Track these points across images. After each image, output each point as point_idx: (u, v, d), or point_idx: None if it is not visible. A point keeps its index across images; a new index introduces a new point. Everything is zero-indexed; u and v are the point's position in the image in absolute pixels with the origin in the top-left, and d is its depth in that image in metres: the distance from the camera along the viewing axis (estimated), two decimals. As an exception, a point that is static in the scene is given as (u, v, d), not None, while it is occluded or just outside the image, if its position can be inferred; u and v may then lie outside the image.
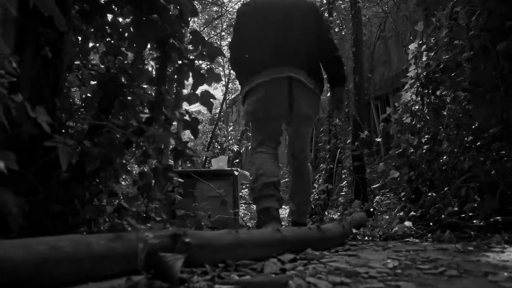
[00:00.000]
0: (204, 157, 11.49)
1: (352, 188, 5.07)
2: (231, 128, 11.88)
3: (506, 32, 2.30)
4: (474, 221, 2.15)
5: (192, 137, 1.64)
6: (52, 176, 1.19)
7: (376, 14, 9.29)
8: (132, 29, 1.54)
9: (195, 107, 17.99)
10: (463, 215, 2.26)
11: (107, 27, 1.58)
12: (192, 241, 1.10)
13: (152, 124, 1.44)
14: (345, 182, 5.76)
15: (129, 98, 1.46)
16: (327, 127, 5.83)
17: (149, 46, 1.71)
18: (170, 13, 1.65)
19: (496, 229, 2.01)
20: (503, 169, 2.11)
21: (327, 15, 6.93)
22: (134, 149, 1.51)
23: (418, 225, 2.38)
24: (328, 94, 6.24)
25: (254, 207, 3.54)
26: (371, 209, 5.03)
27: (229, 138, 12.07)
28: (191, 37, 1.66)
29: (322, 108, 10.13)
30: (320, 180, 5.29)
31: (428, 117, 2.58)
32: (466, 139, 2.48)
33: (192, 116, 1.72)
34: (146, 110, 1.63)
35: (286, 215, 5.49)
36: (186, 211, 3.60)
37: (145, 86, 1.73)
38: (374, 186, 5.31)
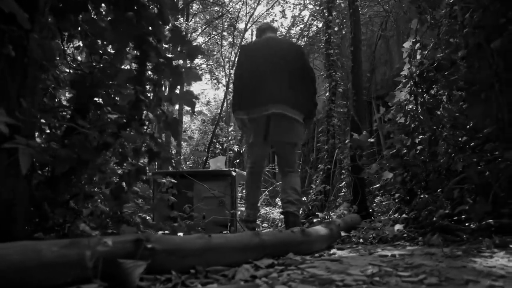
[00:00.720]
0: (205, 157, 11.47)
1: (350, 189, 5.01)
2: (231, 128, 11.87)
3: (500, 30, 2.24)
4: (467, 224, 2.09)
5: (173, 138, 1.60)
6: (18, 178, 1.16)
7: (377, 13, 9.20)
8: (109, 28, 1.49)
9: (197, 107, 17.98)
10: (456, 217, 2.20)
11: (85, 25, 1.54)
12: (158, 246, 1.06)
13: (131, 125, 1.40)
14: (344, 182, 5.69)
15: (100, 99, 1.42)
16: (325, 127, 5.76)
17: (131, 45, 1.67)
18: (150, 11, 1.61)
19: (489, 232, 1.95)
20: (496, 170, 2.05)
21: (326, 14, 6.87)
22: (111, 150, 1.47)
23: (411, 228, 2.32)
24: (327, 94, 6.18)
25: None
26: (370, 210, 4.97)
27: (230, 138, 12.04)
28: (170, 35, 1.62)
29: (318, 111, 10.09)
30: (317, 181, 5.23)
31: (422, 117, 2.52)
32: (460, 139, 2.42)
33: (173, 116, 1.68)
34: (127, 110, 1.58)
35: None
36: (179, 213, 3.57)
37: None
38: (374, 187, 5.24)
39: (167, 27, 1.68)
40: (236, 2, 11.65)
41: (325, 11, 6.86)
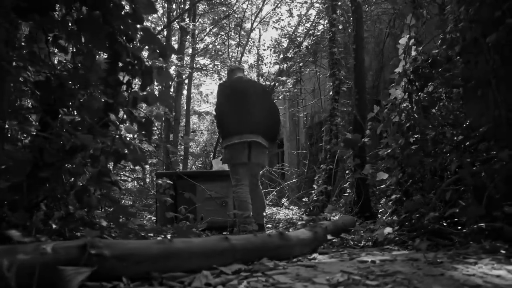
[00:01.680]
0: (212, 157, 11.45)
1: (353, 190, 4.91)
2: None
3: (496, 23, 2.13)
4: (459, 227, 1.99)
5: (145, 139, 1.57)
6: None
7: (385, 10, 9.02)
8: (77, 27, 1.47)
9: (205, 107, 18.02)
10: (449, 220, 2.10)
11: (54, 24, 1.52)
12: (107, 252, 1.02)
13: (94, 127, 1.37)
14: (348, 183, 5.58)
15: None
16: (328, 126, 5.67)
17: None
18: (120, 10, 1.58)
19: (483, 236, 1.85)
20: (491, 171, 1.94)
21: (330, 11, 6.76)
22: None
23: (403, 230, 2.23)
24: (331, 93, 6.07)
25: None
26: (375, 211, 4.86)
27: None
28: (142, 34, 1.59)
29: (323, 109, 9.96)
30: (319, 181, 5.13)
31: (416, 115, 2.42)
32: (456, 138, 2.32)
33: (147, 117, 1.64)
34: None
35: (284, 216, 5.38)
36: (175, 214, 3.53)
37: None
38: (381, 187, 5.11)
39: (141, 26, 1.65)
40: (243, 1, 11.63)
41: (330, 9, 6.75)
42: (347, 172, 5.66)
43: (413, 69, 2.49)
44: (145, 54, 1.77)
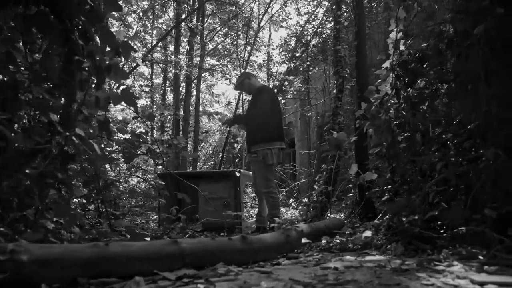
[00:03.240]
0: (222, 156, 11.45)
1: (356, 190, 4.77)
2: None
3: (484, 13, 1.99)
4: (442, 231, 1.87)
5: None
6: None
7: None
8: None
9: (217, 108, 18.03)
10: (436, 223, 1.98)
11: None
12: (25, 257, 0.97)
13: (35, 128, 1.33)
14: (352, 183, 5.43)
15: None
16: (331, 125, 5.53)
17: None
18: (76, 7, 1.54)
19: (465, 240, 1.73)
20: (476, 171, 1.81)
21: (335, 8, 6.61)
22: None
23: (387, 234, 2.11)
24: (334, 91, 5.93)
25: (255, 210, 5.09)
26: (378, 212, 4.70)
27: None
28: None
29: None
30: (320, 182, 5.01)
31: (404, 113, 2.30)
32: (444, 136, 2.19)
33: (106, 116, 1.60)
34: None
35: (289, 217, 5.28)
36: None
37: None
38: (387, 188, 4.94)
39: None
40: (251, 1, 11.55)
41: (334, 6, 6.61)
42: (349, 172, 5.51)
43: (400, 64, 2.36)
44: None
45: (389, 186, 2.44)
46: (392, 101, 2.43)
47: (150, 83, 16.10)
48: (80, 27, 1.59)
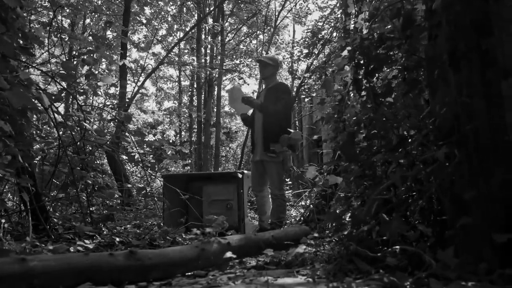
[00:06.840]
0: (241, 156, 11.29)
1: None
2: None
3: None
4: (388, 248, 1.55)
5: None
6: None
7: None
8: None
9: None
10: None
11: None
12: None
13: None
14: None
15: None
16: (333, 125, 5.16)
17: None
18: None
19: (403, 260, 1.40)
20: (426, 174, 1.48)
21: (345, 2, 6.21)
22: None
23: (333, 248, 1.82)
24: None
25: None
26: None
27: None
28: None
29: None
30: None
31: (361, 106, 1.98)
32: (406, 133, 1.85)
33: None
34: None
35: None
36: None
37: None
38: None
39: None
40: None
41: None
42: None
43: (360, 51, 2.04)
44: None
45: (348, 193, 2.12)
46: (352, 94, 2.12)
47: (178, 85, 16.38)
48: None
